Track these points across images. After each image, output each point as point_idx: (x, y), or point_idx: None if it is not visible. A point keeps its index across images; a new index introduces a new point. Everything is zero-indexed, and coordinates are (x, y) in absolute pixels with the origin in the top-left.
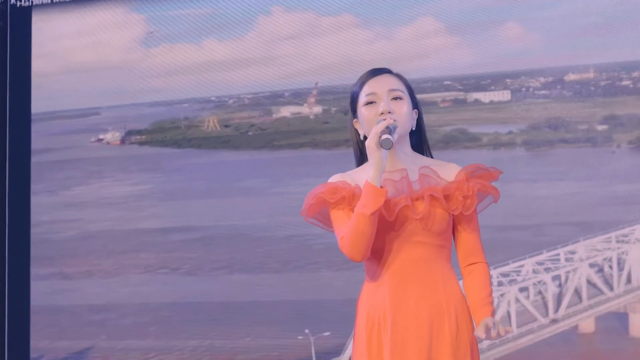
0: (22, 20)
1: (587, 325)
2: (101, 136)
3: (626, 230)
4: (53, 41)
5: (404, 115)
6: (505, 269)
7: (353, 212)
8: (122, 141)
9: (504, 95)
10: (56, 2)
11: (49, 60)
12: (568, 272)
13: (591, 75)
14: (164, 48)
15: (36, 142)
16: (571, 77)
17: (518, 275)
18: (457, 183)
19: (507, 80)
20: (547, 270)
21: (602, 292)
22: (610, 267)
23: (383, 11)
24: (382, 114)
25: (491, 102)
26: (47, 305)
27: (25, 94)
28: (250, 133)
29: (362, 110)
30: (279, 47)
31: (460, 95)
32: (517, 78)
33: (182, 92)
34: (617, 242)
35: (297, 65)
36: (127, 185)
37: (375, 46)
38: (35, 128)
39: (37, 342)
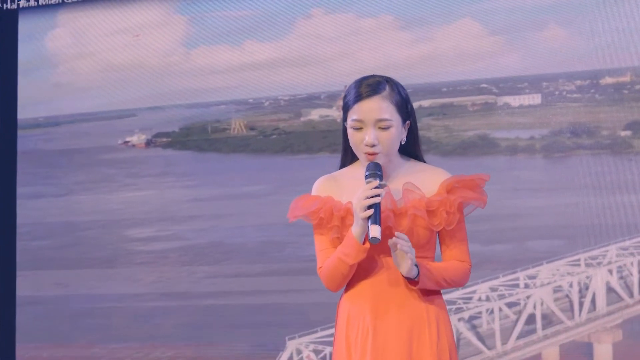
0: (9, 23)
1: (551, 355)
2: (128, 139)
3: (597, 252)
4: (94, 41)
5: (389, 144)
6: (454, 295)
7: (332, 231)
8: (147, 144)
9: (534, 99)
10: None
11: (89, 60)
12: (520, 299)
13: (627, 78)
14: (204, 49)
15: (63, 144)
16: (607, 80)
17: (467, 302)
18: (441, 199)
19: (544, 83)
20: (500, 296)
21: (560, 321)
22: (573, 293)
23: (423, 13)
24: (366, 145)
25: (520, 105)
26: (34, 305)
27: (12, 98)
28: (273, 136)
29: (349, 129)
30: (319, 48)
31: (491, 99)
32: (554, 81)
33: (220, 93)
34: (587, 265)
35: (337, 67)
36: (131, 190)
37: (415, 48)
38: (69, 129)
39: (23, 343)
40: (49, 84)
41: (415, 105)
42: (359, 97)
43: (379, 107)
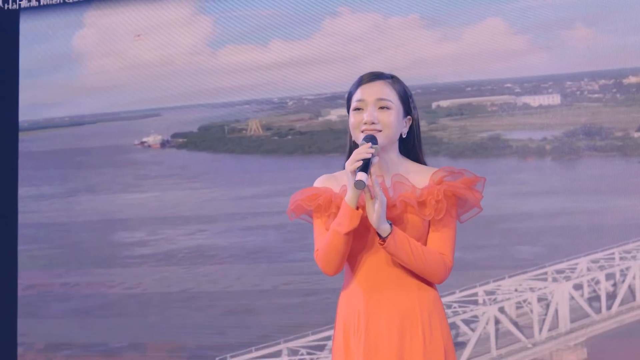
0: (11, 23)
1: None
2: (144, 139)
3: (564, 265)
4: (119, 40)
5: (388, 125)
6: None
7: (329, 218)
8: (163, 145)
9: (554, 99)
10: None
11: (113, 59)
12: (478, 315)
13: None
14: (230, 49)
15: (80, 144)
16: (631, 79)
17: None
18: (429, 188)
19: (568, 82)
20: (455, 313)
21: (518, 340)
22: (531, 310)
23: (450, 12)
24: (365, 123)
25: (540, 106)
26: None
27: (13, 98)
28: (289, 137)
29: (350, 114)
30: (345, 47)
31: (511, 99)
32: (579, 80)
33: (245, 93)
34: (553, 279)
35: (363, 65)
36: (134, 192)
37: (442, 47)
38: (91, 129)
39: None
40: (75, 84)
41: (433, 105)
42: (361, 82)
43: (380, 88)
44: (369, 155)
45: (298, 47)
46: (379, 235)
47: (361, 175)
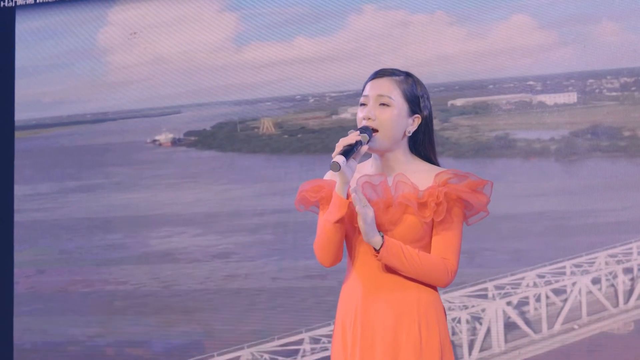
0: (7, 21)
1: None
2: (157, 137)
3: (507, 280)
4: (143, 36)
5: (384, 122)
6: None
7: None
8: (174, 143)
9: (570, 98)
10: None
11: (136, 56)
12: None
13: None
14: (255, 45)
15: (94, 141)
16: None
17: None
18: (431, 190)
19: (590, 80)
20: None
21: None
22: (462, 327)
23: (476, 9)
24: (363, 119)
25: (555, 104)
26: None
27: (9, 96)
28: (299, 135)
29: (358, 109)
30: (370, 44)
31: (526, 97)
32: (602, 78)
33: (268, 90)
34: (492, 296)
35: (388, 63)
36: (126, 192)
37: (468, 44)
38: (107, 127)
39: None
40: (99, 80)
41: (449, 104)
42: (371, 78)
43: (384, 85)
44: (353, 141)
45: (322, 44)
46: (373, 248)
47: (338, 158)
